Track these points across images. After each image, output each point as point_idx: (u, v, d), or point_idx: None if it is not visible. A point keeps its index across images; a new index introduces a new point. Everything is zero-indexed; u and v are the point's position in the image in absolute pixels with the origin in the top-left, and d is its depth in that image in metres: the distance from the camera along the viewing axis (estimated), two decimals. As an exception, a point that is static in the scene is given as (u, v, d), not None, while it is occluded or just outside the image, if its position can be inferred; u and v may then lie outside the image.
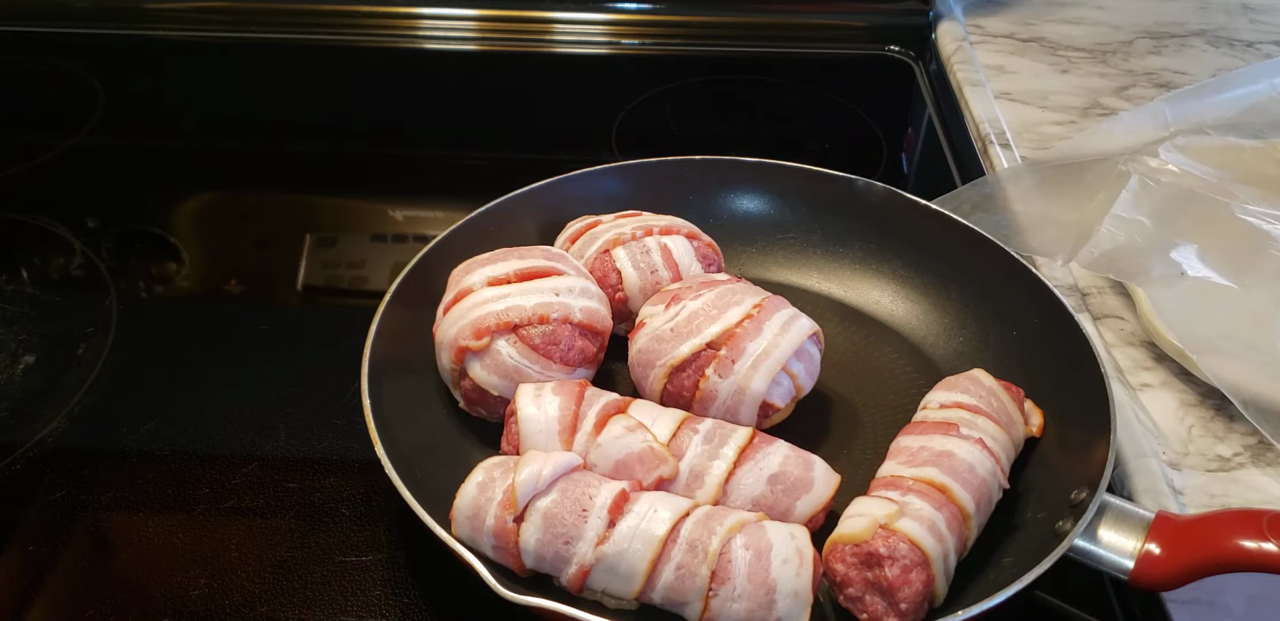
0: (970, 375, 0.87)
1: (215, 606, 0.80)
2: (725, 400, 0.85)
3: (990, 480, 0.78)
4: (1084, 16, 1.51)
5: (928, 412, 0.85)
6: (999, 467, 0.79)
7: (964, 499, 0.76)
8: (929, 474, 0.76)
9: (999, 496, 0.80)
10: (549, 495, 0.75)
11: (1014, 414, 0.85)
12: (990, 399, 0.84)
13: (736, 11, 1.55)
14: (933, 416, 0.84)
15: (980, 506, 0.77)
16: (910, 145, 1.39)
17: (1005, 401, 0.85)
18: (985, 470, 0.78)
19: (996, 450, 0.80)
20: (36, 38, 1.54)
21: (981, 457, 0.78)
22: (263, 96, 1.48)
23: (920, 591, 0.71)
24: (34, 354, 1.02)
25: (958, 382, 0.87)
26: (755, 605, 0.71)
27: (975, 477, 0.77)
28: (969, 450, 0.78)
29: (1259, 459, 0.88)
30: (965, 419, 0.82)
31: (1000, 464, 0.80)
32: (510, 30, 1.55)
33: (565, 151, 1.35)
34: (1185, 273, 0.95)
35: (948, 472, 0.76)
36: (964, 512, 0.75)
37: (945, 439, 0.79)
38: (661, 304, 0.90)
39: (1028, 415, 0.87)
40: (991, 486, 0.78)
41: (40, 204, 1.22)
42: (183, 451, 0.92)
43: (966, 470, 0.77)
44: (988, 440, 0.80)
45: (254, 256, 1.18)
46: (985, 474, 0.78)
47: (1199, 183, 0.99)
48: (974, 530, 0.77)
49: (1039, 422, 0.86)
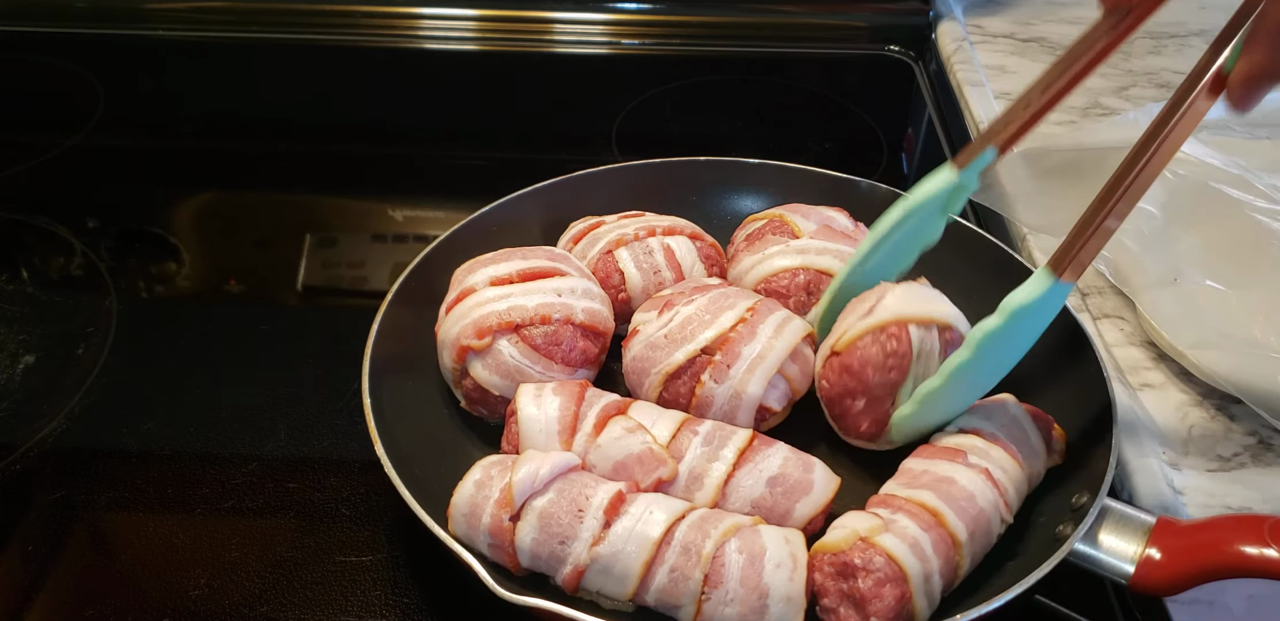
0: (998, 400, 0.85)
1: (215, 606, 0.80)
2: (722, 405, 0.85)
3: (991, 512, 0.76)
4: (1084, 16, 1.51)
5: (943, 436, 0.82)
6: (1002, 500, 0.77)
7: (956, 526, 0.73)
8: (922, 496, 0.75)
9: (1001, 530, 0.78)
10: (545, 495, 0.75)
11: (1036, 445, 0.82)
12: (1012, 428, 0.82)
13: (736, 11, 1.55)
14: (945, 441, 0.81)
15: (976, 536, 0.75)
16: (910, 145, 1.39)
17: (1029, 431, 0.82)
18: (986, 501, 0.76)
19: (1004, 482, 0.78)
20: (36, 38, 1.54)
21: (984, 488, 0.76)
22: (263, 96, 1.48)
23: (892, 607, 0.70)
24: (34, 354, 1.02)
25: (982, 406, 0.84)
26: (748, 609, 0.71)
27: (973, 507, 0.75)
28: (971, 479, 0.76)
29: (1259, 459, 0.88)
30: (978, 447, 0.79)
31: (1005, 496, 0.77)
32: (510, 30, 1.55)
33: (565, 151, 1.35)
34: (1178, 280, 0.95)
35: (943, 498, 0.75)
36: (955, 539, 0.73)
37: (951, 465, 0.78)
38: (654, 310, 0.90)
39: (1054, 443, 0.84)
40: (991, 518, 0.76)
41: (40, 204, 1.22)
42: (183, 451, 0.92)
43: (965, 498, 0.75)
44: (995, 471, 0.78)
45: (254, 256, 1.18)
46: (985, 504, 0.75)
47: (1219, 173, 1.00)
48: (966, 558, 0.74)
49: (1061, 449, 0.84)
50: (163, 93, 1.47)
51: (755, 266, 0.95)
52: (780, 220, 0.98)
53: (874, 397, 0.82)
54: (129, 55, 1.53)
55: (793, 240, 0.95)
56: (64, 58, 1.50)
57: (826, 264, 0.93)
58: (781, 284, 0.93)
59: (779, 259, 0.94)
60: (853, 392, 0.82)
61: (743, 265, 0.96)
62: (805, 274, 0.93)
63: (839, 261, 0.93)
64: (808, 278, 0.93)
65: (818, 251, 0.94)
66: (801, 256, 0.93)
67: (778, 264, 0.94)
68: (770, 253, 0.94)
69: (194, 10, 1.56)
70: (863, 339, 0.82)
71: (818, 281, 0.93)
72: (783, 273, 0.93)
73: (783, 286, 0.93)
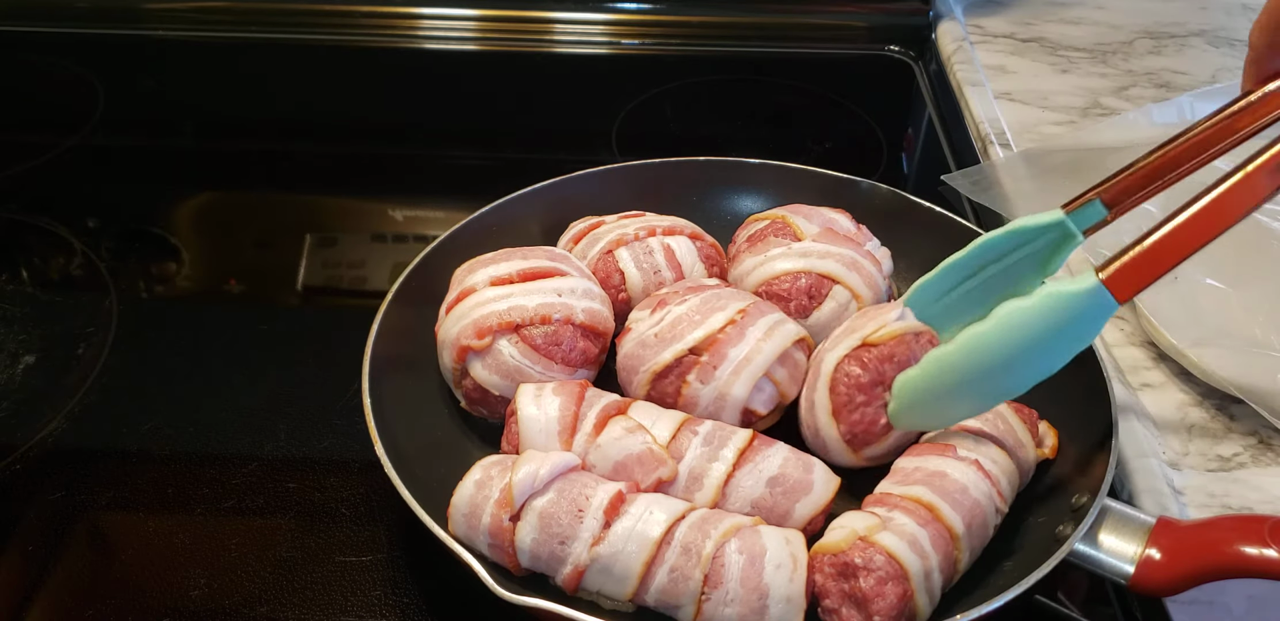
0: None
1: (215, 606, 0.80)
2: (707, 406, 0.85)
3: (985, 503, 0.76)
4: (1084, 16, 1.51)
5: (933, 434, 0.83)
6: (996, 491, 0.77)
7: (952, 519, 0.74)
8: (917, 492, 0.75)
9: (997, 520, 0.78)
10: (545, 495, 0.75)
11: (1022, 437, 0.83)
12: (997, 422, 0.83)
13: (736, 11, 1.55)
14: (934, 438, 0.83)
15: (972, 529, 0.75)
16: (910, 145, 1.39)
17: (1014, 424, 0.83)
18: (980, 492, 0.76)
19: (995, 473, 0.78)
20: (36, 38, 1.54)
21: (976, 479, 0.76)
22: (263, 96, 1.48)
23: (895, 604, 0.70)
24: (34, 354, 1.02)
25: None
26: (748, 610, 0.71)
27: (967, 499, 0.75)
28: (963, 471, 0.77)
29: (1259, 459, 0.88)
30: (966, 441, 0.80)
31: (998, 487, 0.78)
32: (510, 30, 1.55)
33: (565, 151, 1.35)
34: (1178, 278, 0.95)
35: (937, 492, 0.75)
36: (952, 533, 0.74)
37: (941, 460, 0.78)
38: (648, 309, 0.90)
39: (1041, 437, 0.85)
40: (987, 509, 0.76)
41: (40, 204, 1.22)
42: (183, 451, 0.92)
43: (958, 491, 0.75)
44: (985, 462, 0.78)
45: (254, 256, 1.18)
46: (979, 496, 0.76)
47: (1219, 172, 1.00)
48: (964, 552, 0.75)
49: (1053, 444, 0.85)
50: (163, 93, 1.47)
51: (757, 268, 0.95)
52: (783, 222, 0.98)
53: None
54: (129, 55, 1.53)
55: (795, 242, 0.95)
56: (64, 58, 1.50)
57: (828, 268, 0.93)
58: (783, 287, 0.93)
59: (781, 262, 0.94)
60: (887, 383, 0.82)
61: (744, 266, 0.96)
62: (807, 277, 0.93)
63: (841, 265, 0.93)
64: (809, 281, 0.93)
65: (820, 255, 0.94)
66: (804, 259, 0.93)
67: (779, 267, 0.93)
68: (772, 255, 0.94)
69: (194, 10, 1.56)
70: (904, 336, 0.83)
71: (819, 285, 0.93)
72: (784, 275, 0.93)
73: (784, 289, 0.93)
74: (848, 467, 0.85)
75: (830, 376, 0.83)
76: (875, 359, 0.83)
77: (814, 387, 0.85)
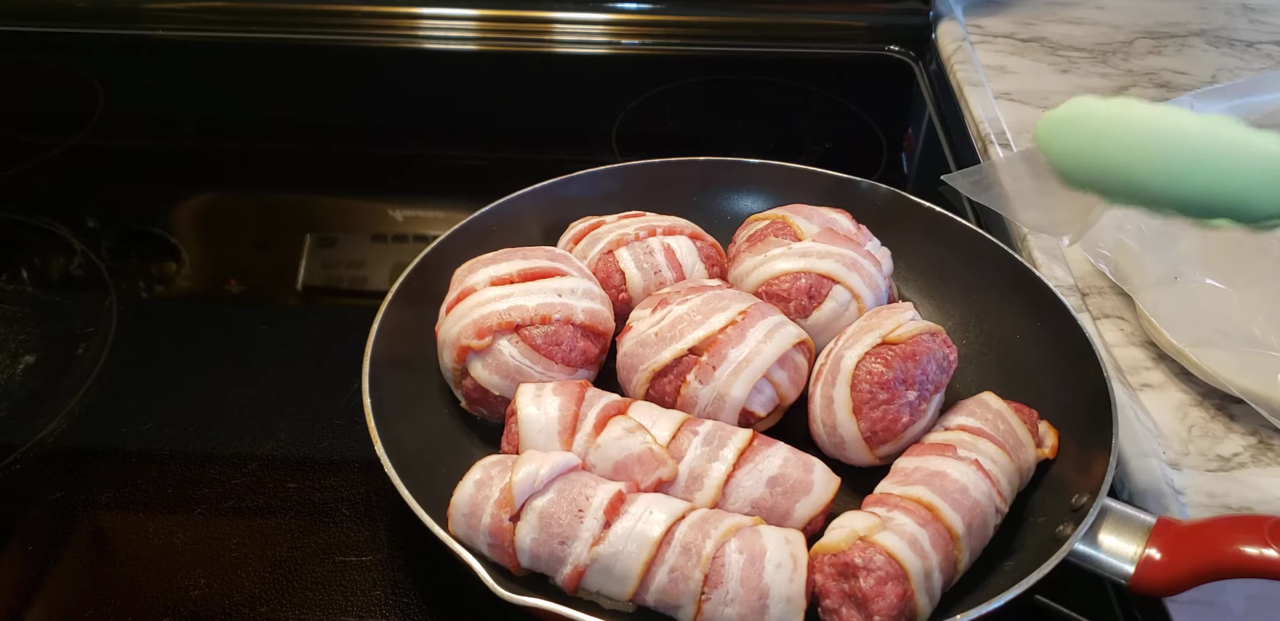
0: (978, 398, 0.86)
1: (215, 606, 0.80)
2: (705, 406, 0.85)
3: (985, 502, 0.76)
4: (1084, 16, 1.51)
5: (932, 435, 0.84)
6: (996, 491, 0.78)
7: (952, 518, 0.74)
8: (917, 492, 0.76)
9: (997, 520, 0.78)
10: (545, 495, 0.75)
11: (1023, 437, 0.83)
12: (997, 422, 0.83)
13: (736, 11, 1.55)
14: (934, 438, 0.83)
15: (973, 528, 0.75)
16: (910, 145, 1.39)
17: (1014, 424, 0.83)
18: (979, 492, 0.76)
19: (995, 473, 0.78)
20: (36, 38, 1.54)
21: (976, 479, 0.77)
22: (263, 96, 1.48)
23: (895, 604, 0.70)
24: (34, 354, 1.02)
25: (964, 405, 0.86)
26: (748, 610, 0.71)
27: (967, 499, 0.75)
28: (963, 471, 0.77)
29: (1259, 459, 0.88)
30: (965, 441, 0.81)
31: (998, 487, 0.78)
32: (510, 30, 1.55)
33: (565, 151, 1.35)
34: (1178, 278, 0.95)
35: (937, 492, 0.75)
36: (952, 532, 0.74)
37: (941, 460, 0.78)
38: (649, 308, 0.90)
39: (1041, 437, 0.85)
40: (987, 509, 0.76)
41: (40, 204, 1.22)
42: (183, 451, 0.92)
43: (958, 491, 0.76)
44: (985, 462, 0.78)
45: (254, 256, 1.18)
46: (979, 495, 0.76)
47: None
48: (964, 552, 0.75)
49: (1053, 444, 0.85)
50: (163, 93, 1.47)
51: (757, 268, 0.95)
52: (783, 222, 0.98)
53: (923, 392, 0.83)
54: (129, 55, 1.53)
55: (795, 242, 0.95)
56: (64, 58, 1.50)
57: (828, 268, 0.93)
58: (783, 287, 0.93)
59: (781, 262, 0.94)
60: (909, 381, 0.83)
61: (744, 266, 0.96)
62: (807, 277, 0.93)
63: (841, 265, 0.93)
64: (809, 281, 0.92)
65: (820, 255, 0.94)
66: (804, 260, 0.93)
67: (779, 267, 0.93)
68: (772, 255, 0.94)
69: (194, 10, 1.56)
70: (922, 335, 0.84)
71: (819, 285, 0.93)
72: (784, 276, 0.93)
73: (784, 289, 0.93)
74: (860, 466, 0.86)
75: (852, 373, 0.83)
76: (896, 357, 0.83)
77: (832, 384, 0.84)
